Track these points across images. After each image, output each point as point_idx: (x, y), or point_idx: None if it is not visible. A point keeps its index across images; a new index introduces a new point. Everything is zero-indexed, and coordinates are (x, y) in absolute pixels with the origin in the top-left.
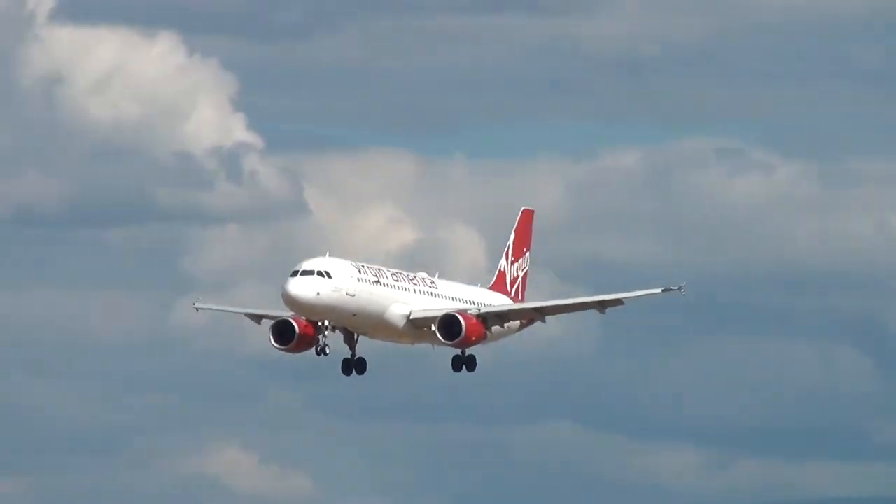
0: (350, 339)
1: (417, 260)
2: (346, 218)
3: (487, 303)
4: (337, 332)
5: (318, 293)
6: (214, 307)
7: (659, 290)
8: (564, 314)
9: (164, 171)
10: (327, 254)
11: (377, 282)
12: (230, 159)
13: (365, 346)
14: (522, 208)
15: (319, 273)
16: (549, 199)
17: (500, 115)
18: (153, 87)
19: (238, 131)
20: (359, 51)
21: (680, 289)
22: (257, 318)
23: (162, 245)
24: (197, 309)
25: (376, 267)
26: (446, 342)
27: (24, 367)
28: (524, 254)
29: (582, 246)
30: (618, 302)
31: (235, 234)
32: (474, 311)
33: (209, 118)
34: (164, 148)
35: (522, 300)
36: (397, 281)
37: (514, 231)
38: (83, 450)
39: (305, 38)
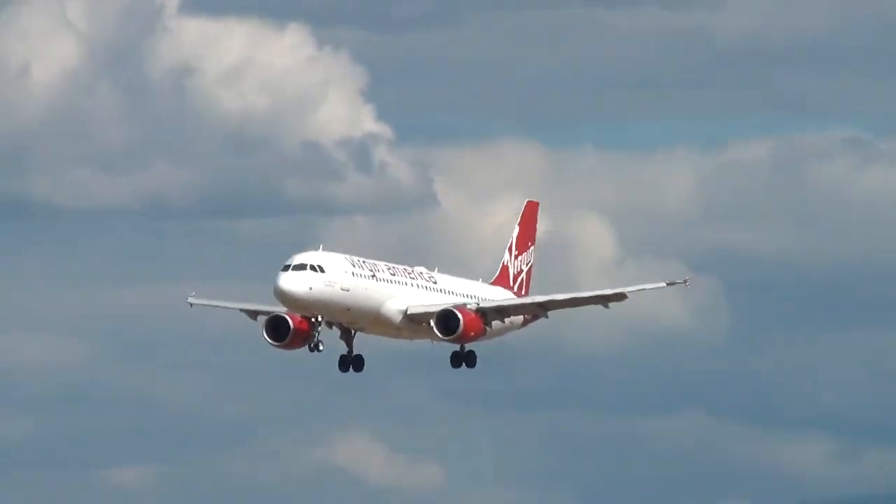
0: (347, 336)
1: (545, 251)
2: (475, 209)
3: (488, 297)
4: (334, 327)
5: (311, 288)
6: (208, 302)
7: (663, 284)
8: (568, 309)
9: (293, 162)
10: (320, 248)
11: (373, 276)
12: (359, 151)
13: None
14: (527, 200)
15: (312, 267)
16: (678, 190)
17: (630, 106)
18: (282, 78)
19: (367, 122)
20: (488, 42)
21: (685, 282)
22: (253, 314)
23: (291, 237)
24: (191, 304)
25: (372, 261)
26: (444, 338)
27: (156, 359)
28: (528, 248)
29: (710, 237)
30: (621, 296)
31: (364, 225)
32: (473, 306)
33: (338, 109)
34: (293, 139)
35: (527, 295)
36: (394, 275)
37: (519, 224)
38: (215, 441)
39: (435, 30)
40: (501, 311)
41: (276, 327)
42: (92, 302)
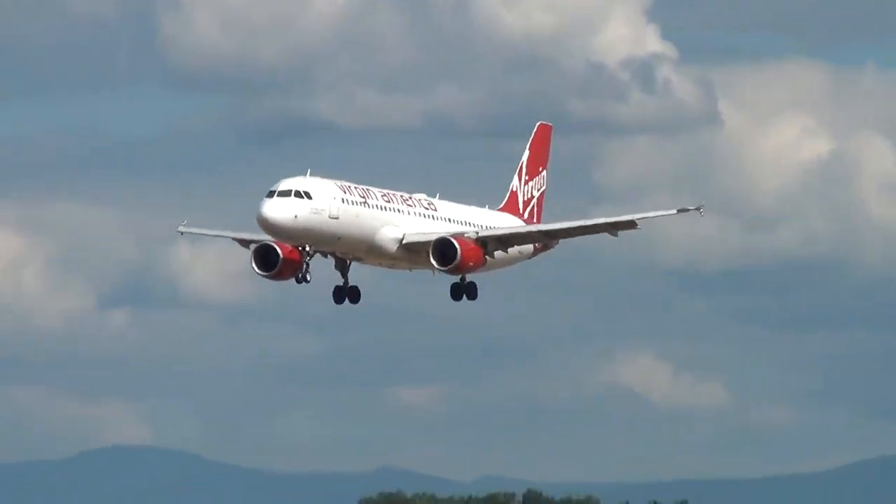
0: (342, 266)
1: (829, 172)
2: (758, 129)
3: (492, 225)
4: (329, 257)
5: (296, 216)
6: (199, 231)
7: (674, 211)
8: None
9: (577, 82)
10: (308, 172)
11: (364, 203)
12: (643, 70)
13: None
14: (539, 122)
15: (298, 194)
16: None
17: None
18: None
19: (651, 42)
20: None
21: (698, 209)
22: (245, 243)
23: (576, 156)
24: (181, 233)
25: (364, 187)
26: (440, 268)
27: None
28: (540, 172)
29: None
30: (631, 224)
31: (648, 144)
32: (472, 235)
33: (622, 29)
34: (578, 59)
35: (539, 223)
36: (388, 202)
37: (529, 147)
38: (494, 359)
39: None
40: (504, 241)
41: (266, 257)
42: None
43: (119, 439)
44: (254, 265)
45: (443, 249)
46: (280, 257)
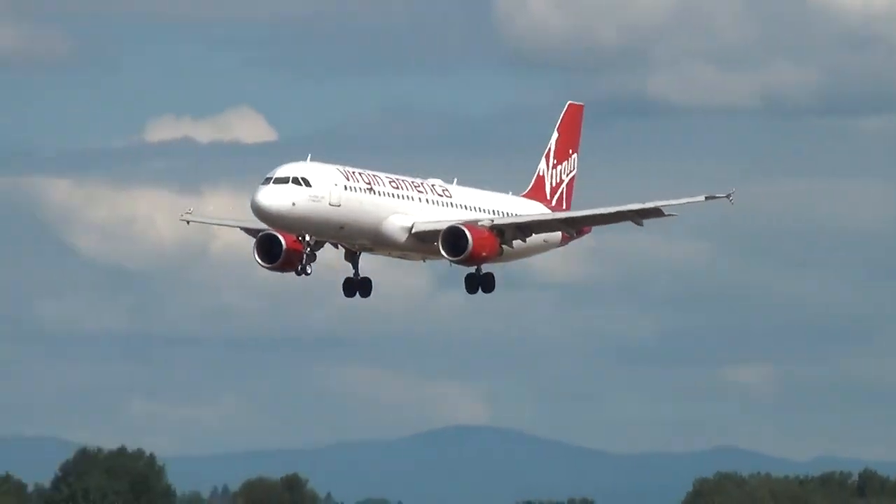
0: (352, 257)
1: None
2: None
3: (514, 212)
4: (339, 248)
5: (294, 204)
6: (204, 220)
7: (702, 198)
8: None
9: None
10: (308, 158)
11: (370, 189)
12: None
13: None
14: (568, 102)
15: (295, 180)
16: None
17: None
18: None
19: None
20: None
21: (728, 196)
22: (253, 232)
23: None
24: (188, 222)
25: (370, 173)
26: (451, 259)
27: (779, 259)
28: (570, 156)
29: None
30: (658, 212)
31: None
32: (487, 223)
33: None
34: None
35: (567, 209)
36: (397, 189)
37: (558, 129)
38: (832, 338)
39: None
40: (522, 229)
41: (269, 247)
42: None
43: (457, 419)
44: (256, 256)
45: (453, 239)
46: (283, 248)
